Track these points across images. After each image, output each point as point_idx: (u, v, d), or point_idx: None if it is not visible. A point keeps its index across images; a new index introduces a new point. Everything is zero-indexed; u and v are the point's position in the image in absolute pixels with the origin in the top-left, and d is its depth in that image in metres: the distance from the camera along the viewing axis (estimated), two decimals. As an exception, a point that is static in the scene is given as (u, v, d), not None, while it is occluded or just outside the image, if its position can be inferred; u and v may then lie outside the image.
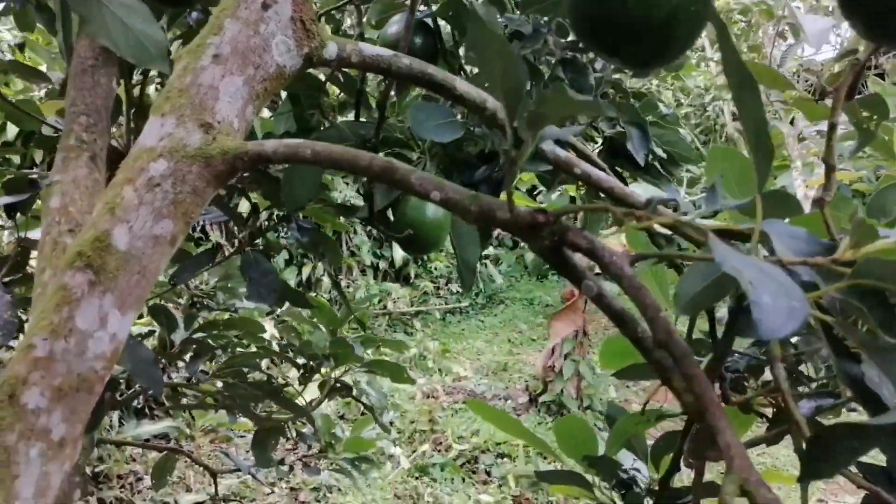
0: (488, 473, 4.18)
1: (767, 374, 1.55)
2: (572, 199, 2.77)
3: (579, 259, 0.63)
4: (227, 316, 2.36)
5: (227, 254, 1.80)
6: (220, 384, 2.20)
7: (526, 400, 5.26)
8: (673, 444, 1.59)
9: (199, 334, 2.09)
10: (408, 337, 6.82)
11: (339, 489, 4.01)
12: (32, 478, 0.69)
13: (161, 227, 0.77)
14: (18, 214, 1.62)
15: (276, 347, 2.38)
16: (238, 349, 2.33)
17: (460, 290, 7.83)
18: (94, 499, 3.51)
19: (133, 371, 1.47)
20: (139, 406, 4.35)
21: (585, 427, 1.73)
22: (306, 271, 6.51)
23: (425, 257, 7.67)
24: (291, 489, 4.00)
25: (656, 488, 1.71)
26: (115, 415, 4.13)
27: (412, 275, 7.55)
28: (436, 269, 7.66)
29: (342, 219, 1.83)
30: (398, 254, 7.30)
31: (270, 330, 3.88)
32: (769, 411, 1.13)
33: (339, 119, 1.60)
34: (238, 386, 2.25)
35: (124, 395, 2.83)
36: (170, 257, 0.82)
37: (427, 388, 5.39)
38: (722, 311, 1.26)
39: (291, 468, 2.59)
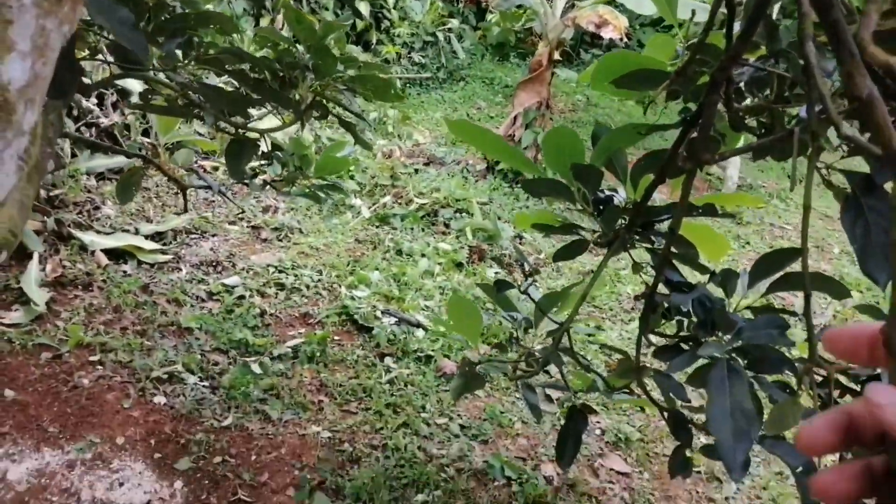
0: (447, 226, 4.35)
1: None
2: None
3: None
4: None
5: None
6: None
7: (483, 167, 5.35)
8: (654, 164, 1.64)
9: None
10: (367, 103, 6.67)
11: (301, 230, 4.13)
12: (27, 30, 0.61)
13: None
14: None
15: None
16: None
17: (422, 62, 7.60)
18: (52, 219, 3.51)
19: (116, 33, 1.38)
20: (92, 139, 4.23)
21: (574, 137, 1.76)
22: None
23: (389, 24, 7.29)
24: (253, 228, 4.09)
25: (630, 207, 1.79)
26: (67, 145, 4.01)
27: (374, 40, 7.22)
28: (399, 36, 7.34)
29: None
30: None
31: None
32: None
33: None
34: (217, 88, 2.19)
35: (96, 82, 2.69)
36: None
37: (387, 150, 5.39)
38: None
39: (266, 183, 2.61)
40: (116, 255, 3.53)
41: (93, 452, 2.30)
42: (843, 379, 1.57)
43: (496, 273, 3.96)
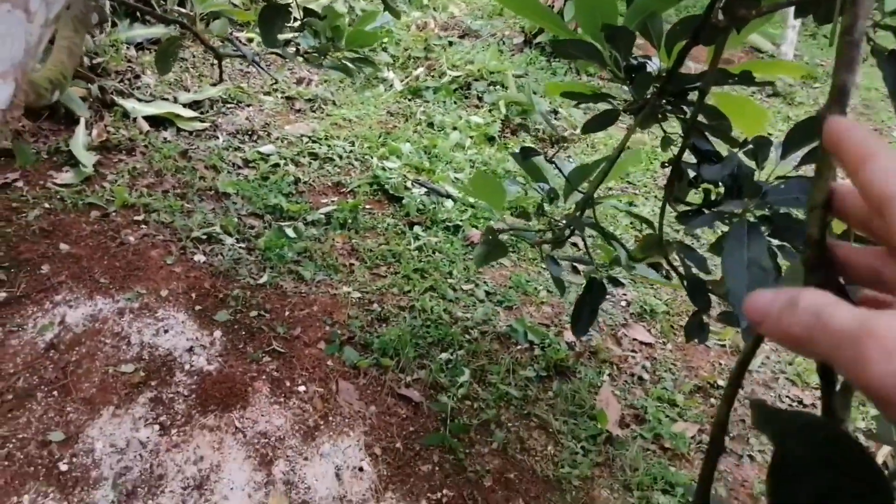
0: (480, 98, 4.30)
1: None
2: None
3: None
4: None
5: None
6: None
7: (521, 41, 5.18)
8: (690, 29, 1.58)
9: None
10: (403, -27, 6.43)
11: (334, 102, 4.12)
12: None
13: None
14: None
15: None
16: None
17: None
18: (96, 86, 3.56)
19: None
20: (132, 2, 4.20)
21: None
22: None
23: None
24: (287, 98, 4.10)
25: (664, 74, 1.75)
26: (106, 6, 3.99)
27: None
28: None
29: None
30: None
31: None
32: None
33: None
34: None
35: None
36: None
37: (421, 22, 5.24)
38: None
39: (298, 51, 2.59)
40: (157, 122, 3.59)
41: (140, 302, 2.46)
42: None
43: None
